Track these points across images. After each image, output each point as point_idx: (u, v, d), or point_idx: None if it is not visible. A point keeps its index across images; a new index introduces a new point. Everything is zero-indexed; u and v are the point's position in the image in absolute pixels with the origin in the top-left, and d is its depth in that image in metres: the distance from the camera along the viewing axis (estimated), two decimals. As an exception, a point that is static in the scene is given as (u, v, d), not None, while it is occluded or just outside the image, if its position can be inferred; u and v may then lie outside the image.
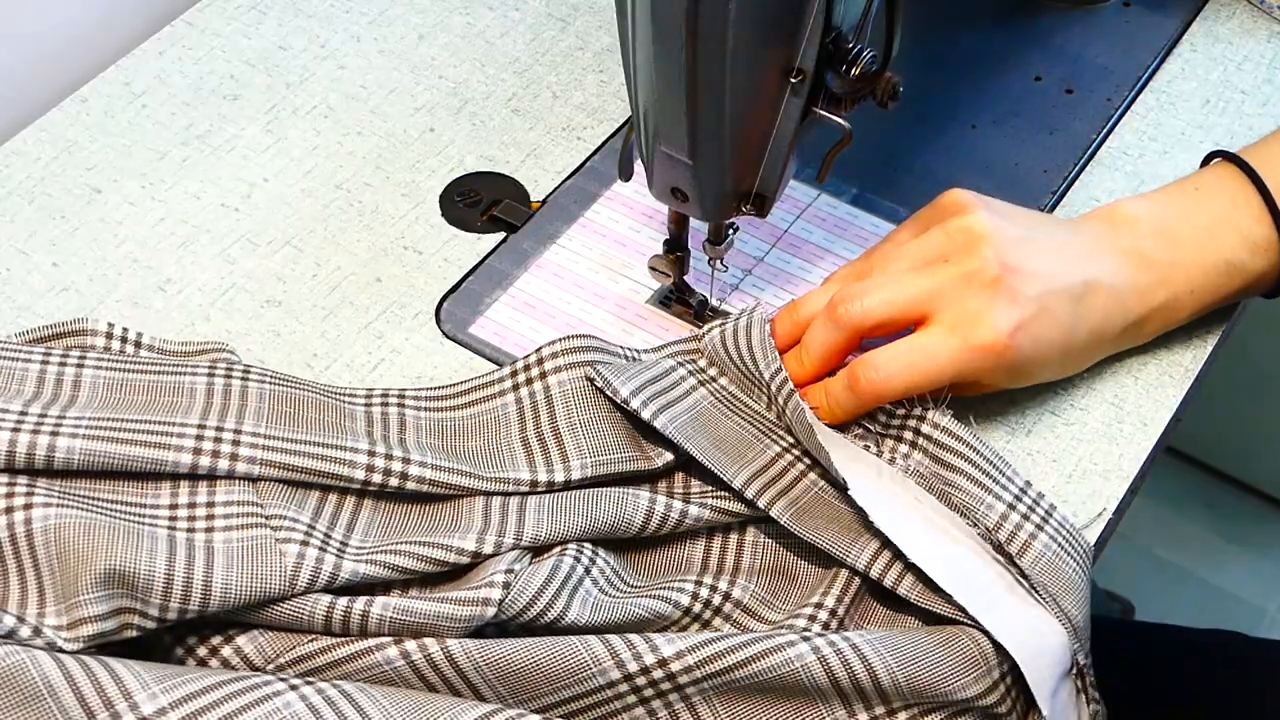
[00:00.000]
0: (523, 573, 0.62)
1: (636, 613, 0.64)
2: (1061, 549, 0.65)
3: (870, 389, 0.67)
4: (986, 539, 0.65)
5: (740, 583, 0.67)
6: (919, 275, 0.68)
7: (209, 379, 0.68)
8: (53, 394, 0.67)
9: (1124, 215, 0.73)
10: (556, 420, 0.68)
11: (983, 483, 0.66)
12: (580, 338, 0.71)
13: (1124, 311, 0.71)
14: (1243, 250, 0.72)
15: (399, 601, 0.61)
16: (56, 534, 0.59)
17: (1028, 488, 0.67)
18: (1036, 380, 0.72)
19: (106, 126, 0.85)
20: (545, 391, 0.69)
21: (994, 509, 0.65)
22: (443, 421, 0.70)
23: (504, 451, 0.68)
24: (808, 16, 0.62)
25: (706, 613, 0.66)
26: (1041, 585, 0.63)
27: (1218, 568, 1.63)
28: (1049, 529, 0.65)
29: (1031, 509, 0.66)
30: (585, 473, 0.66)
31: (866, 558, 0.65)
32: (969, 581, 0.63)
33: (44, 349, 0.69)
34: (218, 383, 0.68)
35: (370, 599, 0.61)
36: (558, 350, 0.70)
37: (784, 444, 0.69)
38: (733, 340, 0.71)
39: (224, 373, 0.69)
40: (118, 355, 0.70)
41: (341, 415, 0.68)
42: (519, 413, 0.69)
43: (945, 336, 0.67)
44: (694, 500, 0.67)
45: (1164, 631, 1.03)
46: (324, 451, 0.65)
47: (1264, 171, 0.73)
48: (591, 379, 0.68)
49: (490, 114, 0.87)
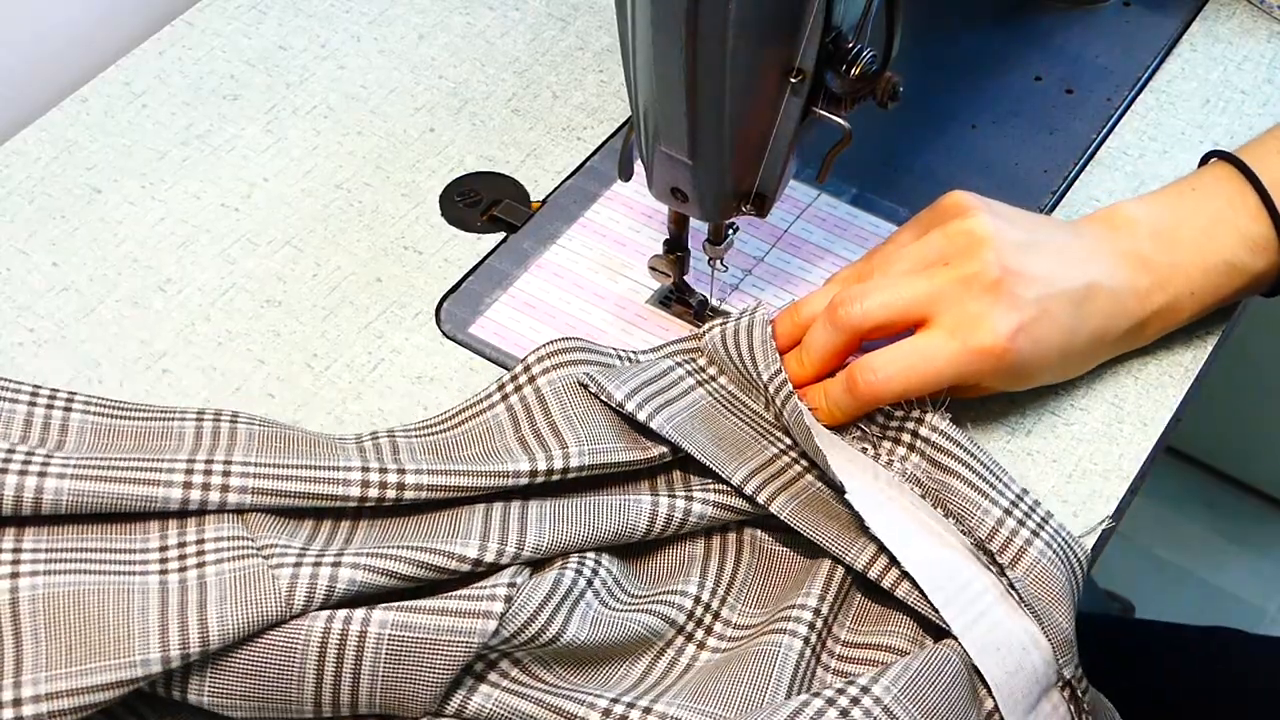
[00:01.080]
0: (524, 586, 0.61)
1: (633, 629, 0.64)
2: (1056, 556, 0.65)
3: (869, 391, 0.67)
4: (980, 548, 0.65)
5: (730, 602, 0.67)
6: (919, 278, 0.68)
7: (197, 424, 0.68)
8: (40, 437, 0.67)
9: (1123, 218, 0.73)
10: (551, 415, 0.68)
11: (979, 487, 0.66)
12: (567, 340, 0.71)
13: (1125, 314, 0.71)
14: (1242, 250, 0.72)
15: (398, 616, 0.59)
16: (46, 604, 0.58)
17: (1024, 494, 0.67)
18: (1036, 383, 0.72)
19: (106, 126, 0.85)
20: (536, 393, 0.69)
21: (990, 514, 0.65)
22: (435, 443, 0.69)
23: (501, 453, 0.68)
24: (808, 16, 0.62)
25: (699, 632, 0.66)
26: (1033, 597, 0.63)
27: (1218, 568, 1.63)
28: (1044, 535, 0.65)
29: (1028, 515, 0.66)
30: (584, 460, 0.66)
31: (865, 558, 0.65)
32: (961, 589, 0.64)
33: (32, 387, 0.69)
34: (206, 426, 0.68)
35: (368, 615, 0.59)
36: (544, 354, 0.70)
37: (782, 445, 0.69)
38: (733, 340, 0.71)
39: (212, 417, 0.68)
40: (105, 401, 0.69)
41: (333, 446, 0.67)
42: (511, 419, 0.69)
43: (945, 339, 0.67)
44: (696, 497, 0.67)
45: (1164, 631, 1.03)
46: (316, 474, 0.64)
47: (1260, 170, 0.73)
48: (585, 385, 0.67)
49: (490, 114, 0.87)
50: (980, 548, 0.65)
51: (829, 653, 0.65)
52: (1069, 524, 0.69)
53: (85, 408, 0.68)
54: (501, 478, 0.65)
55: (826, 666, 0.65)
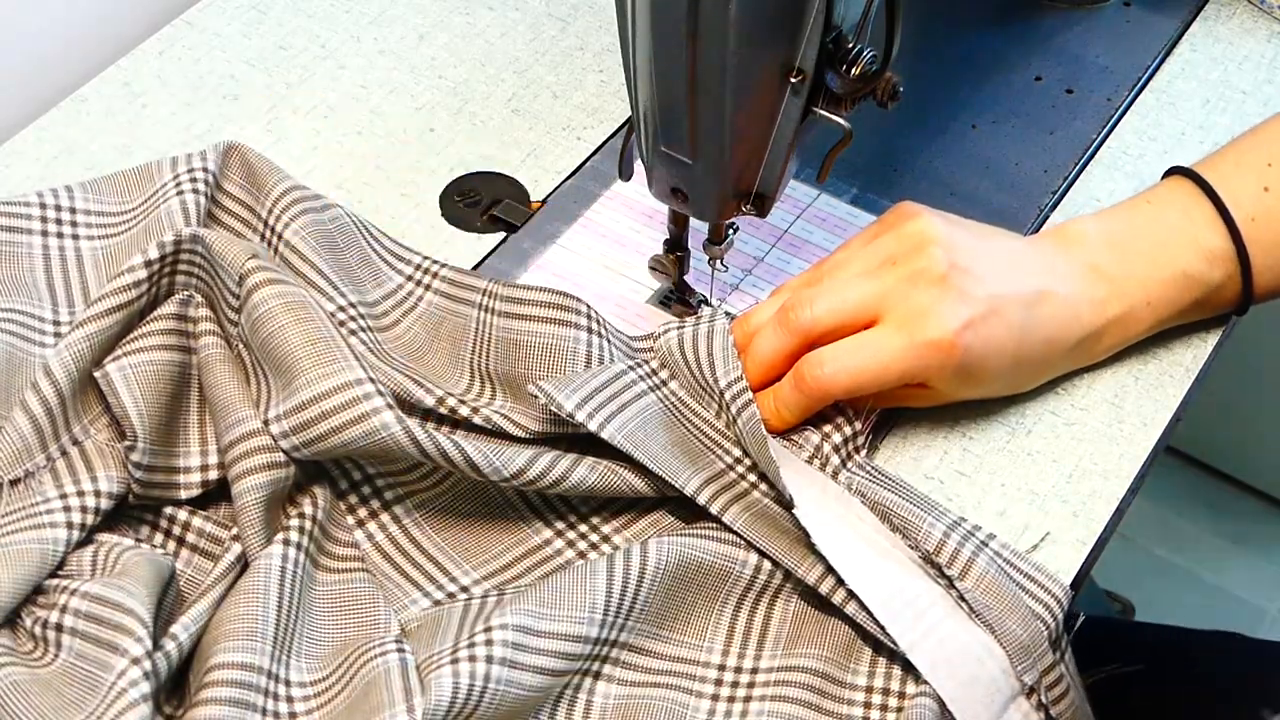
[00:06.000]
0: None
1: (531, 681, 0.61)
2: (1003, 570, 0.65)
3: (816, 386, 0.67)
4: (928, 561, 0.65)
5: (629, 625, 0.64)
6: (868, 279, 0.68)
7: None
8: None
9: (1075, 232, 0.73)
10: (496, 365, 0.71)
11: (920, 505, 0.67)
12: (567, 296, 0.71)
13: (1078, 322, 0.71)
14: (1199, 261, 0.72)
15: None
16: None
17: (963, 520, 0.67)
18: (987, 389, 0.71)
19: (106, 126, 0.85)
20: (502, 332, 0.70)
21: (935, 527, 0.65)
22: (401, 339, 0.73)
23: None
24: (808, 16, 0.62)
25: (594, 664, 0.64)
26: (984, 607, 0.63)
27: (1218, 568, 1.63)
28: (988, 551, 0.65)
29: (968, 536, 0.66)
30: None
31: (816, 575, 0.65)
32: (908, 604, 0.63)
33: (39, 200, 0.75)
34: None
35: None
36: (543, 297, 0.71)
37: (731, 458, 0.69)
38: (690, 346, 0.71)
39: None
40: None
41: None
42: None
43: (892, 333, 0.67)
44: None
45: (1164, 631, 1.03)
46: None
47: (1216, 181, 0.73)
48: (535, 396, 0.66)
49: (490, 114, 0.87)
50: (928, 560, 0.65)
51: (747, 685, 0.64)
52: (1069, 524, 0.70)
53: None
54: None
55: (748, 699, 0.64)
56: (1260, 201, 0.72)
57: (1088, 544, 0.69)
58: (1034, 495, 0.71)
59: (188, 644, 0.60)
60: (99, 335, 0.67)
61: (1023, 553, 0.66)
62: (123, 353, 0.67)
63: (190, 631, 0.60)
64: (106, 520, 0.65)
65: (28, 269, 0.73)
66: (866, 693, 0.64)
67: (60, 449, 0.66)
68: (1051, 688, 0.64)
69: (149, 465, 0.66)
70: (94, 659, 0.58)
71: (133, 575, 0.61)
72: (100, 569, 0.62)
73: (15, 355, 0.69)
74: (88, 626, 0.59)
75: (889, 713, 0.63)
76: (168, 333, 0.68)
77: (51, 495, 0.64)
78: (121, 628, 0.58)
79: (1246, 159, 0.74)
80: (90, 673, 0.58)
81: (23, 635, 0.61)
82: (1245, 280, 0.73)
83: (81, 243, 0.75)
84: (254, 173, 0.75)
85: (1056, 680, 0.64)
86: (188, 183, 0.75)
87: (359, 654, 0.61)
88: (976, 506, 0.70)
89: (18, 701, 0.57)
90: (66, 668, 0.58)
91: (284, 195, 0.73)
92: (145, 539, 0.66)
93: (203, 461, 0.67)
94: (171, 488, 0.67)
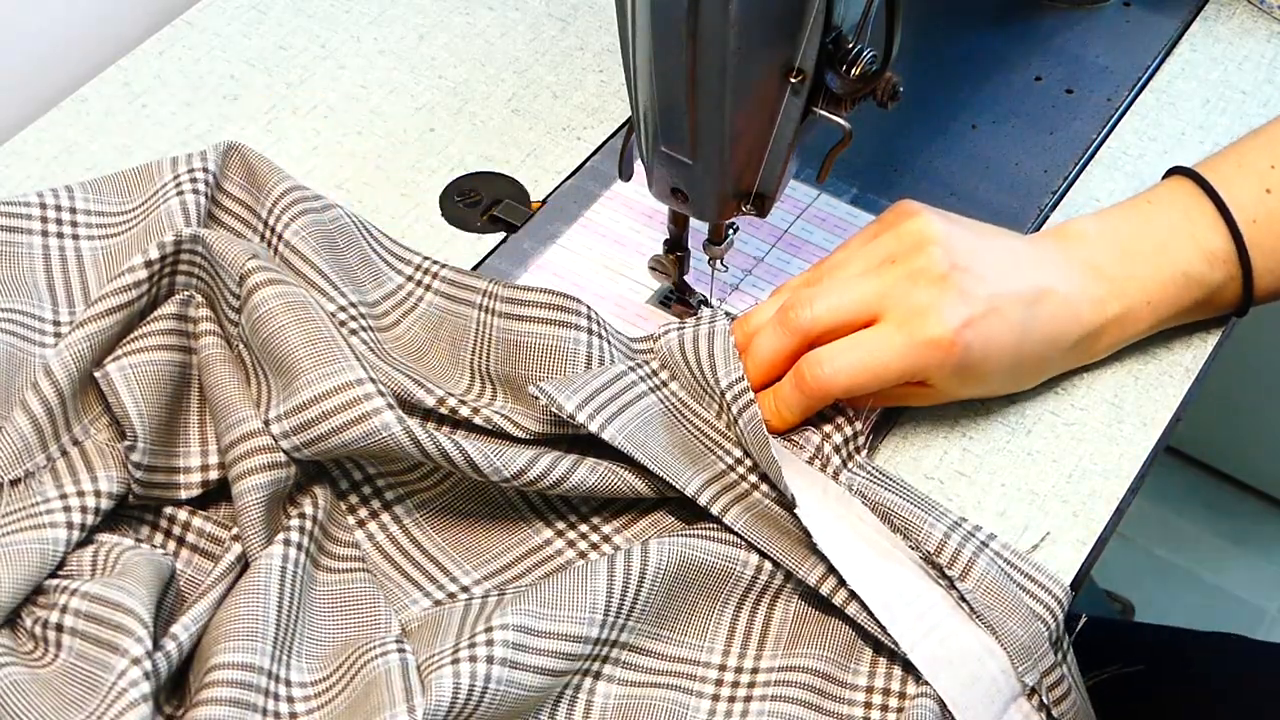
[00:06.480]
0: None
1: (533, 681, 0.61)
2: (1003, 570, 0.65)
3: (816, 385, 0.67)
4: (929, 561, 0.65)
5: (630, 625, 0.64)
6: (867, 278, 0.68)
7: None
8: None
9: (1075, 231, 0.73)
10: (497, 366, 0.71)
11: (921, 505, 0.67)
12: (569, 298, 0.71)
13: (1078, 321, 0.71)
14: (1199, 261, 0.72)
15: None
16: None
17: (964, 520, 0.67)
18: (987, 388, 0.71)
19: (106, 126, 0.85)
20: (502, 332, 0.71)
21: (936, 528, 0.65)
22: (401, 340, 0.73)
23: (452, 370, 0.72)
24: (808, 16, 0.62)
25: (594, 664, 0.64)
26: (985, 608, 0.63)
27: (1218, 568, 1.63)
28: (989, 552, 0.65)
29: (969, 536, 0.66)
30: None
31: (817, 575, 0.65)
32: (909, 605, 0.63)
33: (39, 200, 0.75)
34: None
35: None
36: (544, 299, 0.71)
37: (732, 458, 0.69)
38: (691, 346, 0.71)
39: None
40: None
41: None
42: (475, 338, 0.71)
43: (892, 332, 0.67)
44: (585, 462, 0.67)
45: (1163, 632, 1.03)
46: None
47: (1217, 182, 0.73)
48: (536, 397, 0.66)
49: (490, 114, 0.87)
50: (929, 561, 0.65)
51: (747, 685, 0.64)
52: (1069, 524, 0.70)
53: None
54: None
55: (748, 699, 0.64)
56: (1262, 204, 0.72)
57: (1088, 544, 0.69)
58: (1034, 495, 0.71)
59: (188, 644, 0.60)
60: (99, 335, 0.67)
61: (1023, 553, 0.66)
62: (123, 353, 0.67)
63: (190, 631, 0.60)
64: (107, 520, 0.65)
65: (28, 269, 0.73)
66: (867, 693, 0.64)
67: (60, 449, 0.65)
68: (1053, 688, 0.64)
69: (149, 465, 0.65)
70: (94, 659, 0.58)
71: (133, 575, 0.61)
72: (100, 569, 0.62)
73: (15, 355, 0.69)
74: (88, 626, 0.59)
75: (889, 713, 0.63)
76: (168, 333, 0.68)
77: (51, 495, 0.63)
78: (121, 628, 0.58)
79: (1249, 161, 0.74)
80: (90, 673, 0.58)
81: (23, 635, 0.61)
82: (1246, 282, 0.73)
83: (82, 243, 0.75)
84: (254, 173, 0.75)
85: (1058, 681, 0.64)
86: (188, 183, 0.74)
87: (359, 654, 0.61)
88: (976, 506, 0.70)
89: (18, 701, 0.57)
90: (67, 668, 0.58)
91: (284, 195, 0.73)
92: (145, 539, 0.66)
93: (203, 461, 0.67)
94: (172, 488, 0.67)
